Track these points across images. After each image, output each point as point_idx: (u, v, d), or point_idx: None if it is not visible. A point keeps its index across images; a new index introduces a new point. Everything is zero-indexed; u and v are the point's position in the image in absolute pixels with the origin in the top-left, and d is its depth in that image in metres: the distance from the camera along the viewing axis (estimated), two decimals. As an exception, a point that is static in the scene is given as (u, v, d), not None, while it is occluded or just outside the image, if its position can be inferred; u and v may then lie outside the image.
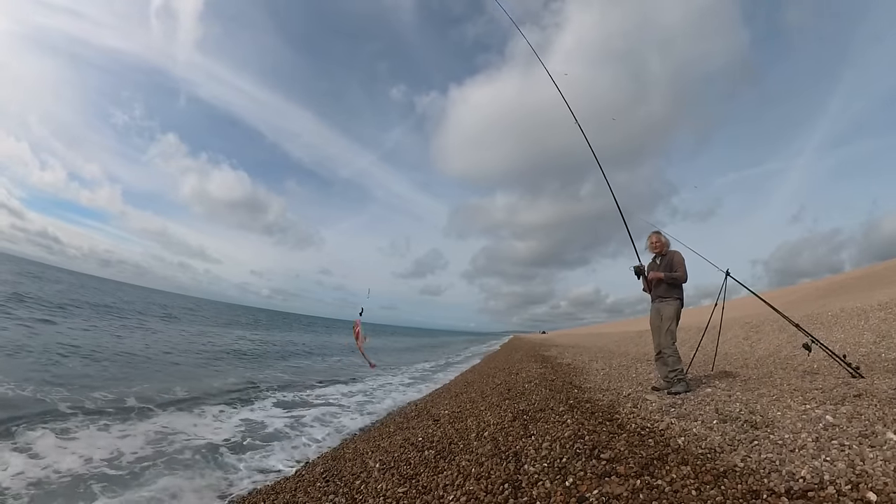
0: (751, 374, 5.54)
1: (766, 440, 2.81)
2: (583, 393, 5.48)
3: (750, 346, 8.68)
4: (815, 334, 5.49)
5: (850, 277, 19.69)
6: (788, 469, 2.35)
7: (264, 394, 8.22)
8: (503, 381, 7.72)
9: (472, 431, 4.18)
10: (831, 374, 4.76)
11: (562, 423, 3.94)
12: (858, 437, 2.58)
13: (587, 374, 7.54)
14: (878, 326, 7.14)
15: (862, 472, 2.16)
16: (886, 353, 5.57)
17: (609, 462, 2.81)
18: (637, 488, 2.39)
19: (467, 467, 3.17)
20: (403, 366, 16.71)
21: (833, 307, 10.03)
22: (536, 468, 2.91)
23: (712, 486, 2.30)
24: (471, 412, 5.18)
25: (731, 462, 2.57)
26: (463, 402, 6.18)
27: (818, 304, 12.57)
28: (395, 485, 3.14)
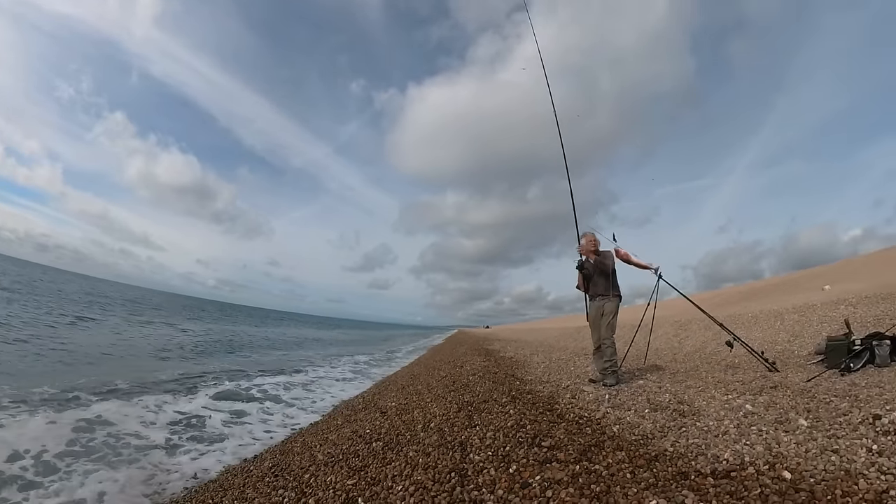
0: (679, 368, 6.34)
1: (692, 427, 3.24)
2: (524, 385, 5.96)
3: (679, 342, 9.79)
4: (737, 333, 6.27)
5: (769, 284, 22.57)
6: (713, 452, 2.71)
7: (207, 386, 8.19)
8: (448, 373, 8.12)
9: (418, 423, 4.44)
10: (751, 368, 5.56)
11: (505, 413, 4.29)
12: (774, 423, 3.05)
13: (528, 367, 8.13)
14: (791, 327, 8.40)
15: (778, 454, 2.54)
16: (799, 350, 6.56)
17: (550, 449, 3.11)
18: (576, 473, 2.65)
19: (415, 458, 3.37)
20: (350, 358, 16.54)
21: (753, 309, 11.47)
22: (481, 457, 3.16)
23: (645, 470, 2.59)
24: (417, 404, 5.49)
25: (662, 447, 2.92)
26: (409, 394, 6.48)
27: (740, 306, 14.33)
28: (344, 477, 3.26)
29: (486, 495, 2.57)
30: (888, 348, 4.57)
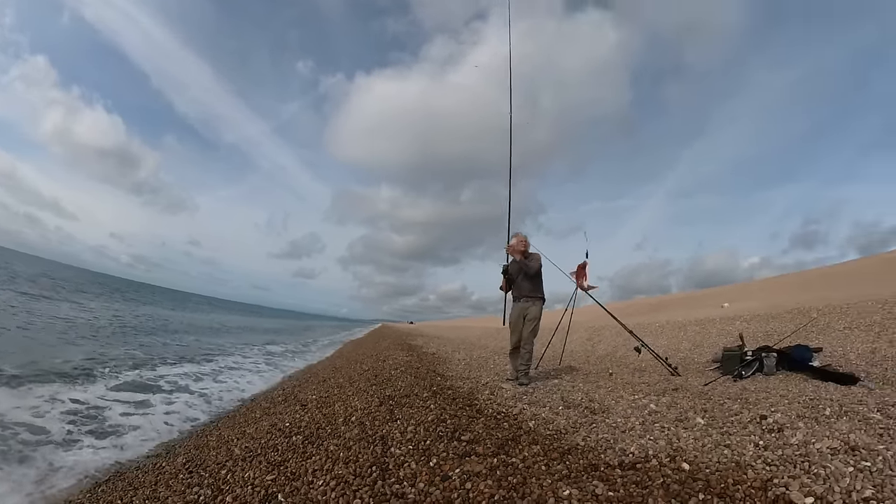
0: (591, 370, 6.88)
1: (602, 423, 3.58)
2: (445, 380, 6.19)
3: (592, 346, 10.64)
4: (645, 340, 6.91)
5: (675, 298, 25.16)
6: (621, 446, 3.03)
7: (109, 373, 7.38)
8: (371, 367, 8.14)
9: (339, 416, 4.45)
10: (656, 372, 6.19)
11: (426, 408, 4.45)
12: (675, 421, 3.45)
13: (450, 363, 8.40)
14: (693, 337, 9.53)
15: (678, 448, 2.89)
16: (698, 358, 7.38)
17: (469, 443, 3.30)
18: (494, 466, 2.85)
19: (336, 452, 3.38)
20: (265, 348, 15.59)
21: (660, 319, 12.71)
22: (402, 450, 3.26)
23: (559, 462, 2.85)
24: (338, 397, 5.48)
25: (574, 441, 3.22)
26: (331, 387, 6.43)
27: (649, 316, 15.79)
28: (263, 472, 3.19)
29: (407, 489, 2.65)
30: (774, 360, 5.26)
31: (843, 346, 6.29)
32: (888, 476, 2.14)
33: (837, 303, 9.76)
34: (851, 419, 2.99)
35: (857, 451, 2.44)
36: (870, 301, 8.87)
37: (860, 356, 5.62)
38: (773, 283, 25.26)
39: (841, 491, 2.08)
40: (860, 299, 9.53)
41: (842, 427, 2.83)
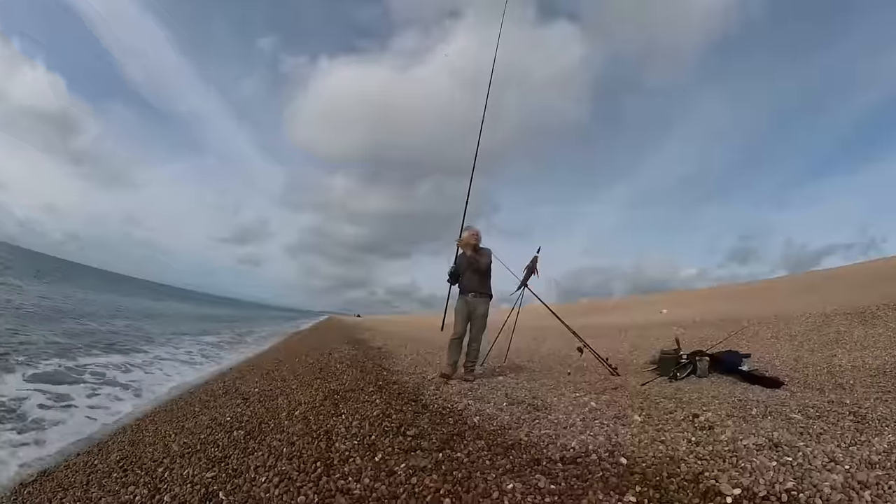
0: (535, 368, 7.09)
1: (545, 419, 3.73)
2: (391, 375, 6.23)
3: (537, 345, 10.99)
4: (587, 341, 7.18)
5: (618, 302, 26.35)
6: (562, 441, 3.17)
7: (27, 362, 6.62)
8: (316, 360, 7.98)
9: (283, 410, 4.37)
10: (597, 371, 6.45)
11: (371, 402, 4.47)
12: (614, 418, 3.64)
13: (396, 358, 8.43)
14: (632, 340, 10.19)
15: (616, 443, 3.05)
16: (637, 359, 7.81)
17: (414, 438, 3.35)
18: (440, 461, 2.91)
19: (279, 447, 3.31)
20: (199, 338, 14.64)
21: (603, 322, 13.27)
22: (347, 445, 3.25)
23: (503, 457, 2.95)
24: (282, 390, 5.37)
25: (518, 437, 3.34)
26: (274, 379, 6.28)
27: (592, 318, 16.43)
28: (202, 469, 3.04)
29: (352, 484, 2.64)
30: (707, 363, 5.65)
31: (769, 353, 6.93)
32: (807, 469, 2.36)
33: (766, 314, 10.65)
34: (775, 419, 3.26)
35: (779, 448, 2.68)
36: (795, 314, 9.76)
37: (784, 363, 6.19)
38: (708, 293, 27.23)
39: (765, 483, 2.27)
40: (787, 312, 10.44)
41: (766, 426, 3.10)
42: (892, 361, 5.44)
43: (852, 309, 8.94)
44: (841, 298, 11.57)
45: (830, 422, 3.07)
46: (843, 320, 8.26)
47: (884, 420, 2.98)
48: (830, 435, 2.82)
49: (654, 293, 38.95)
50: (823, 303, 10.88)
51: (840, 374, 5.09)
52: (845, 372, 5.22)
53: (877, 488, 2.10)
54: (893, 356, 5.72)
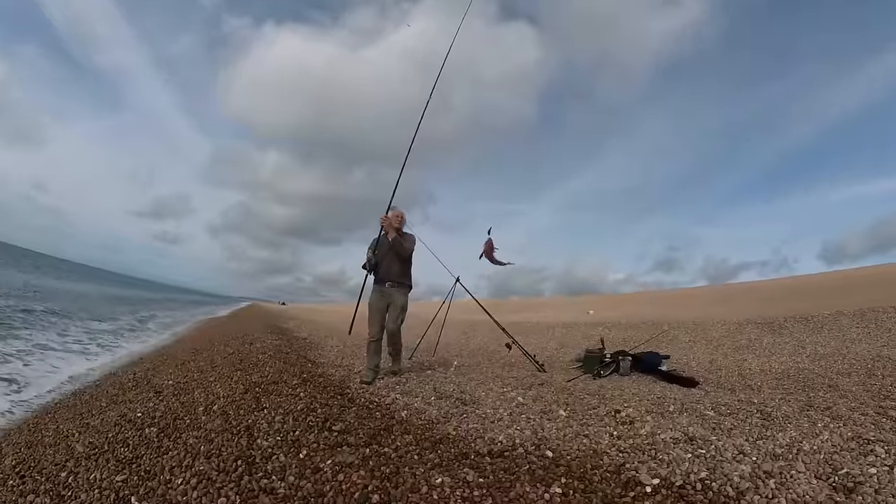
0: (464, 362, 7.22)
1: (473, 414, 3.83)
2: (317, 367, 6.10)
3: (466, 340, 11.24)
4: (516, 337, 7.46)
5: (547, 302, 27.50)
6: (490, 436, 3.28)
7: None
8: (236, 350, 7.51)
9: (199, 405, 4.10)
10: (524, 367, 6.69)
11: (295, 396, 4.34)
12: (540, 413, 3.81)
13: (322, 349, 8.24)
14: (560, 338, 10.73)
15: (542, 437, 3.21)
16: (563, 357, 8.21)
17: (341, 433, 3.31)
18: (367, 456, 2.90)
19: (196, 445, 3.11)
20: (97, 324, 13.12)
21: (532, 319, 13.74)
22: (270, 442, 3.13)
23: (431, 451, 3.00)
24: (199, 383, 5.03)
25: (446, 431, 3.41)
26: (190, 371, 5.83)
27: (522, 315, 17.05)
28: (112, 472, 2.76)
29: (276, 483, 2.55)
30: (629, 363, 6.05)
31: (686, 355, 7.62)
32: (719, 461, 2.62)
33: (686, 320, 11.61)
34: (691, 415, 3.55)
35: (694, 441, 2.94)
36: (712, 320, 10.75)
37: (700, 364, 6.79)
38: (633, 297, 29.11)
39: (681, 473, 2.50)
40: (704, 318, 11.45)
41: (683, 421, 3.37)
42: (795, 367, 6.12)
43: (763, 319, 10.02)
44: (753, 309, 12.85)
45: (740, 419, 3.39)
46: (755, 329, 9.27)
47: (787, 418, 3.34)
48: (740, 430, 3.11)
49: (582, 294, 41.11)
50: (737, 312, 12.07)
51: (749, 377, 5.65)
52: (754, 375, 5.79)
53: (780, 477, 2.38)
54: (796, 362, 6.46)
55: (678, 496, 2.30)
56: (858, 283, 19.29)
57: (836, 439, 2.83)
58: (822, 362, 6.26)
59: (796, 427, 3.11)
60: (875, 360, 6.04)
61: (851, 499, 2.15)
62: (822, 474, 2.39)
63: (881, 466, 2.41)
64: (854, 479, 2.30)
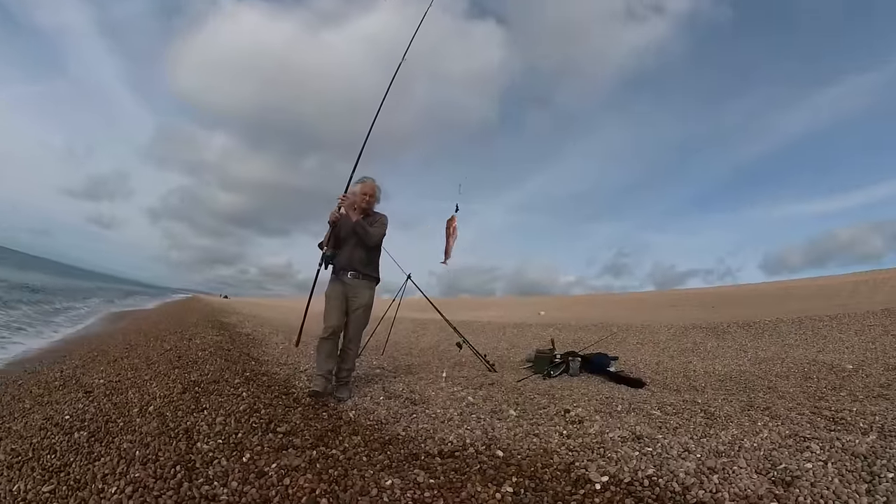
0: (414, 361, 7.24)
1: (422, 414, 3.83)
2: (260, 365, 5.83)
3: (416, 338, 11.26)
4: (467, 336, 7.54)
5: (499, 301, 27.93)
6: (440, 436, 3.29)
7: None
8: (174, 346, 7.04)
9: (134, 406, 3.82)
10: (474, 367, 6.79)
11: (237, 395, 4.13)
12: (490, 412, 3.86)
13: (266, 346, 7.95)
14: (510, 338, 10.96)
15: (493, 437, 3.26)
16: (514, 356, 8.38)
17: (286, 435, 3.20)
18: (314, 459, 2.83)
19: (130, 450, 2.89)
20: (13, 311, 12.00)
21: (483, 319, 13.96)
22: (211, 445, 2.97)
23: (380, 452, 2.98)
24: (133, 382, 4.67)
25: (395, 432, 3.40)
26: (123, 369, 5.41)
27: (473, 314, 17.23)
28: (37, 482, 2.52)
29: (218, 489, 2.43)
30: (579, 363, 6.24)
31: (634, 357, 7.97)
32: (665, 458, 2.75)
33: (634, 323, 12.09)
34: (638, 414, 3.70)
35: (641, 440, 3.06)
36: (659, 324, 11.27)
37: (647, 366, 7.11)
38: (584, 300, 30.06)
39: (629, 470, 2.61)
40: (652, 322, 11.97)
41: (630, 420, 3.50)
42: (738, 369, 6.53)
43: (707, 324, 10.62)
44: (699, 315, 13.57)
45: (685, 418, 3.57)
46: (700, 333, 9.79)
47: (728, 417, 3.54)
48: (685, 429, 3.28)
49: (533, 295, 42.03)
50: (684, 317, 12.74)
51: (694, 378, 5.97)
52: (698, 376, 6.13)
53: (723, 473, 2.51)
54: (738, 365, 6.89)
55: (626, 492, 2.39)
56: (797, 293, 20.75)
57: (774, 437, 3.02)
58: (763, 366, 6.70)
59: (738, 426, 3.29)
60: (811, 364, 6.50)
61: (790, 492, 2.30)
62: (762, 469, 2.55)
63: (816, 461, 2.59)
64: (792, 474, 2.46)
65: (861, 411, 3.59)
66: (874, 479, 2.35)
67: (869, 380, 5.31)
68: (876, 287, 19.91)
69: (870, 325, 8.58)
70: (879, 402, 4.08)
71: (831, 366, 6.24)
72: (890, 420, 3.25)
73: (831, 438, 2.91)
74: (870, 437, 2.92)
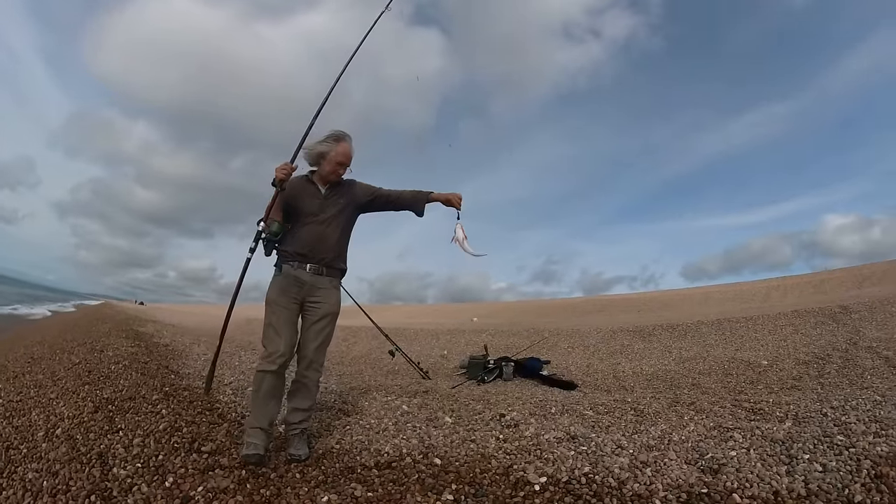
0: (345, 371, 7.18)
1: (356, 425, 3.76)
2: (181, 379, 5.40)
3: (347, 347, 11.12)
4: (399, 344, 7.49)
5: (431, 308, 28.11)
6: (376, 447, 3.25)
7: None
8: (83, 359, 6.28)
9: (39, 429, 3.42)
10: (408, 375, 6.83)
11: (156, 413, 3.83)
12: (426, 420, 3.87)
13: (187, 358, 7.38)
14: (444, 345, 11.10)
15: (430, 445, 3.27)
16: (447, 364, 8.46)
17: (211, 455, 3.02)
18: (243, 479, 2.71)
19: (37, 480, 2.60)
20: None
21: (415, 326, 13.97)
22: (129, 470, 2.75)
23: (314, 468, 2.90)
24: (37, 402, 4.15)
25: (329, 445, 3.32)
26: (25, 386, 4.76)
27: (405, 322, 17.14)
28: None
29: None
30: (512, 368, 6.41)
31: (566, 360, 8.29)
32: (600, 455, 2.88)
33: (564, 327, 12.60)
34: (571, 415, 3.83)
35: (576, 439, 3.18)
36: (588, 328, 11.83)
37: (579, 368, 7.44)
38: (515, 305, 30.91)
39: (566, 470, 2.71)
40: (581, 326, 12.52)
41: (564, 421, 3.62)
42: (663, 369, 6.98)
43: (634, 327, 11.25)
44: (626, 318, 14.28)
45: (616, 416, 3.74)
46: (627, 336, 10.35)
47: (657, 414, 3.76)
48: (617, 427, 3.44)
49: (466, 302, 42.73)
50: (611, 321, 13.40)
51: (623, 379, 6.32)
52: (627, 377, 6.49)
53: (655, 466, 2.68)
54: (664, 364, 7.38)
55: (565, 491, 2.48)
56: (715, 297, 22.42)
57: (700, 429, 3.24)
58: (686, 364, 7.20)
59: (666, 421, 3.51)
60: (730, 361, 7.08)
61: (718, 478, 2.49)
62: (691, 460, 2.74)
63: (740, 449, 2.82)
64: (718, 462, 2.66)
65: (777, 402, 3.90)
66: (792, 461, 2.60)
67: (783, 373, 5.91)
68: (786, 291, 22.14)
69: (781, 325, 9.38)
70: (793, 393, 4.53)
71: (749, 362, 6.82)
72: (803, 408, 3.58)
73: (752, 427, 3.17)
74: (786, 424, 3.20)
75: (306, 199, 3.20)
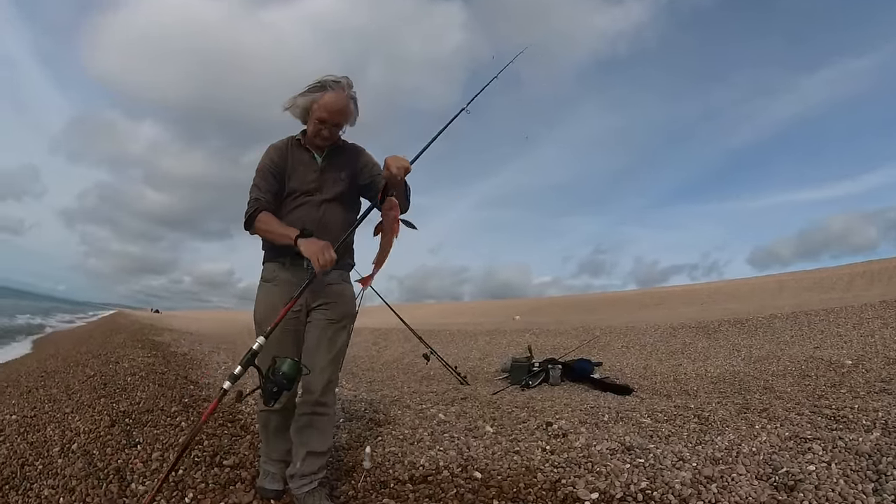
0: (376, 377, 7.22)
1: (388, 436, 3.78)
2: (200, 390, 5.55)
3: (377, 351, 11.22)
4: (434, 347, 7.53)
5: (468, 306, 28.14)
6: (410, 459, 3.25)
7: None
8: (98, 371, 6.59)
9: (54, 444, 3.55)
10: (444, 380, 6.82)
11: (175, 426, 3.95)
12: (465, 430, 3.86)
13: (207, 367, 7.63)
14: (483, 347, 11.02)
15: (469, 457, 3.25)
16: (488, 367, 8.41)
17: (233, 469, 3.10)
18: None
19: (53, 497, 2.71)
20: None
21: (451, 327, 13.99)
22: (148, 486, 2.83)
23: (343, 483, 2.94)
24: (52, 417, 4.32)
25: (359, 458, 3.31)
26: (39, 401, 5.00)
27: (440, 322, 17.19)
28: None
29: None
30: (559, 371, 6.32)
31: (620, 361, 8.12)
32: (659, 469, 2.81)
33: (617, 325, 12.37)
34: (626, 424, 3.77)
35: (632, 451, 3.11)
36: (644, 325, 11.57)
37: (634, 371, 7.27)
38: (561, 301, 30.62)
39: (621, 485, 2.65)
40: (636, 323, 12.27)
41: (618, 431, 3.56)
42: (731, 370, 6.74)
43: (696, 323, 10.96)
44: (686, 313, 13.96)
45: (677, 424, 3.66)
46: (689, 333, 10.09)
47: (724, 421, 3.65)
48: (678, 436, 3.36)
49: (506, 298, 42.63)
50: (671, 316, 13.09)
51: (685, 382, 6.14)
52: (690, 379, 6.31)
53: (721, 481, 2.59)
54: (732, 365, 7.11)
55: (619, 509, 2.44)
56: (790, 287, 21.62)
57: (774, 440, 3.13)
58: (758, 365, 6.92)
59: (734, 430, 3.40)
60: (808, 361, 6.73)
61: (793, 496, 2.39)
62: (762, 475, 2.64)
63: (819, 463, 2.70)
64: (794, 478, 2.56)
65: (863, 408, 3.74)
66: (881, 478, 2.47)
67: (869, 375, 5.55)
68: (873, 278, 21.03)
69: (868, 319, 8.97)
70: (882, 398, 4.26)
71: (830, 362, 6.48)
72: (893, 416, 3.41)
73: (833, 438, 3.03)
74: (873, 435, 3.05)
75: (299, 170, 2.66)
